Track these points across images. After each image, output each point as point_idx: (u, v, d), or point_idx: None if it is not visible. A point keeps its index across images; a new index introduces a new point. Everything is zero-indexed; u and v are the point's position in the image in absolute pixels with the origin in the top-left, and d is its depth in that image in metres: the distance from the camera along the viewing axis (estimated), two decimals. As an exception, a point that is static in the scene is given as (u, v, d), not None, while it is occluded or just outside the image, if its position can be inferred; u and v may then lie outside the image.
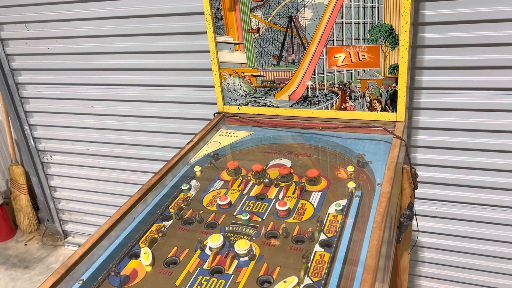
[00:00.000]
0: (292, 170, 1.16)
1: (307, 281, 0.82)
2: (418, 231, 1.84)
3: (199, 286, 0.84)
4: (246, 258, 0.90)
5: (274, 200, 1.07)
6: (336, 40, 1.21)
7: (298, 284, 0.81)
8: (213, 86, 1.51)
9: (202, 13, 1.36)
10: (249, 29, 1.29)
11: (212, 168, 1.23)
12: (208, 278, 0.86)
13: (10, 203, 2.92)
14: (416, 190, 1.67)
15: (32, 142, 2.53)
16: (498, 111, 1.57)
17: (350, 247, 0.88)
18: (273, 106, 1.38)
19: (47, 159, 2.56)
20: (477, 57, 1.50)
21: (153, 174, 1.16)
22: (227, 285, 0.84)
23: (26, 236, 2.87)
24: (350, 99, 1.27)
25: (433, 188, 1.78)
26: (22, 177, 2.80)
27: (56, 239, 2.81)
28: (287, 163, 1.20)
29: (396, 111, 1.23)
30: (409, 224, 1.26)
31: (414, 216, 1.28)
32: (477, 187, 1.72)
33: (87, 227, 2.68)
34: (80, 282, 0.87)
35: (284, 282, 0.81)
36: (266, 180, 1.11)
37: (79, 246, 0.95)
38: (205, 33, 1.38)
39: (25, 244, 2.79)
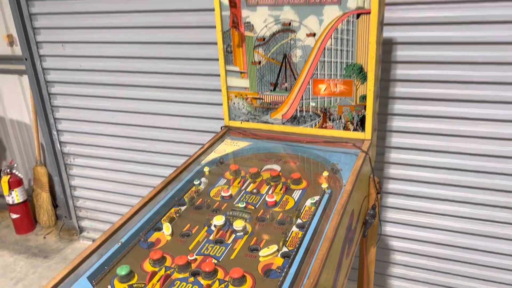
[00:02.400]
0: (280, 173, 1.48)
1: (284, 249, 1.13)
2: (380, 224, 2.14)
3: (206, 250, 1.15)
4: (241, 233, 1.21)
5: (265, 194, 1.39)
6: (320, 74, 1.55)
7: (278, 250, 1.12)
8: (221, 104, 1.83)
9: (215, 43, 1.69)
10: (253, 62, 1.64)
11: (218, 169, 1.55)
12: (213, 245, 1.17)
13: (31, 200, 3.24)
14: (389, 200, 2.00)
15: (58, 146, 2.86)
16: (459, 136, 1.88)
17: (318, 228, 1.20)
18: (269, 123, 1.71)
19: (70, 161, 2.89)
20: (442, 91, 1.84)
21: (164, 177, 1.45)
22: (226, 250, 1.15)
23: (45, 230, 3.17)
24: (329, 120, 1.60)
25: (402, 199, 2.09)
26: (45, 177, 3.13)
27: (72, 233, 3.11)
28: (277, 167, 1.53)
29: (364, 131, 1.56)
30: (373, 221, 1.57)
31: (377, 216, 1.59)
32: (440, 199, 2.03)
33: (101, 224, 2.98)
34: (119, 243, 1.18)
35: (268, 248, 1.13)
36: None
37: (93, 240, 1.16)
38: (217, 59, 1.72)
39: (44, 237, 3.09)
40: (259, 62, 1.63)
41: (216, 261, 1.10)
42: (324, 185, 1.38)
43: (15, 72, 2.99)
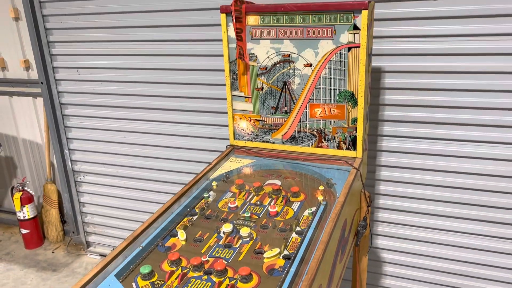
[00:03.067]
0: (281, 187, 1.65)
1: (285, 252, 1.30)
2: (371, 236, 2.30)
3: (216, 253, 1.32)
4: (247, 239, 1.38)
5: (268, 206, 1.56)
6: (315, 99, 1.75)
7: (279, 253, 1.29)
8: (226, 126, 2.01)
9: (222, 70, 1.89)
10: (256, 88, 1.83)
11: (224, 184, 1.73)
12: (222, 249, 1.33)
13: (40, 216, 3.37)
14: (380, 215, 2.17)
15: (70, 164, 3.02)
16: (445, 156, 2.06)
17: (314, 234, 1.37)
18: (270, 142, 1.89)
19: (80, 178, 3.05)
20: (427, 114, 2.04)
21: (172, 194, 1.62)
22: (234, 253, 1.31)
23: (53, 245, 3.31)
24: (325, 140, 1.79)
25: (392, 213, 2.27)
26: (54, 194, 3.28)
27: (79, 248, 3.24)
28: (278, 182, 1.70)
29: (356, 150, 1.74)
30: (364, 232, 1.74)
31: (368, 227, 1.76)
32: (429, 214, 2.19)
33: (108, 239, 3.12)
34: (141, 247, 1.35)
35: (271, 251, 1.29)
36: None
37: (100, 255, 1.28)
38: (224, 85, 1.91)
39: (52, 252, 3.22)
40: (262, 88, 1.82)
41: (226, 262, 1.26)
42: (320, 198, 1.55)
43: (30, 95, 3.18)
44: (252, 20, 1.73)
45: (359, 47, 1.61)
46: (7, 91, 3.25)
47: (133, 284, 1.20)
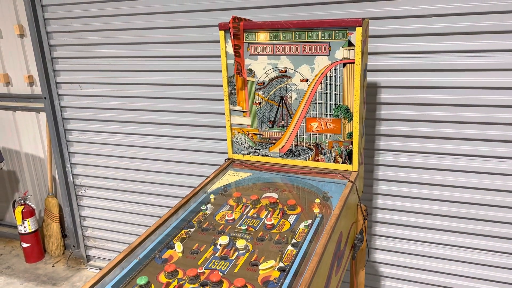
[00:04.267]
0: (278, 200, 1.67)
1: (281, 264, 1.31)
2: (369, 249, 2.30)
3: (213, 265, 1.33)
4: (243, 251, 1.39)
5: (264, 218, 1.58)
6: (312, 114, 1.78)
7: (274, 265, 1.30)
8: (224, 140, 2.04)
9: (221, 85, 1.93)
10: (254, 103, 1.87)
11: (222, 197, 1.75)
12: (219, 261, 1.35)
13: (41, 230, 3.39)
14: (377, 229, 2.18)
15: (71, 178, 3.05)
16: (441, 170, 2.09)
17: (310, 246, 1.38)
18: (268, 156, 1.92)
19: (81, 192, 3.07)
20: (423, 129, 2.06)
21: (171, 208, 1.63)
22: (230, 265, 1.33)
23: (54, 259, 3.31)
24: (321, 154, 1.81)
25: (390, 227, 2.27)
26: (56, 207, 3.30)
27: (80, 262, 3.25)
28: (275, 195, 1.72)
29: (352, 164, 1.77)
30: (361, 245, 1.75)
31: (365, 240, 1.77)
32: (426, 228, 2.20)
33: (108, 253, 3.13)
34: (138, 259, 1.36)
35: (266, 263, 1.31)
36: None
37: (100, 269, 1.27)
38: (222, 100, 1.94)
39: (53, 266, 3.23)
40: (259, 103, 1.86)
41: (222, 274, 1.28)
42: (316, 211, 1.57)
43: (33, 110, 3.23)
44: (249, 36, 1.77)
45: (353, 63, 1.64)
46: (11, 106, 3.30)
47: (130, 295, 1.22)
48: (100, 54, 2.66)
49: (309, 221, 1.51)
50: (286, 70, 1.76)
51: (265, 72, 1.80)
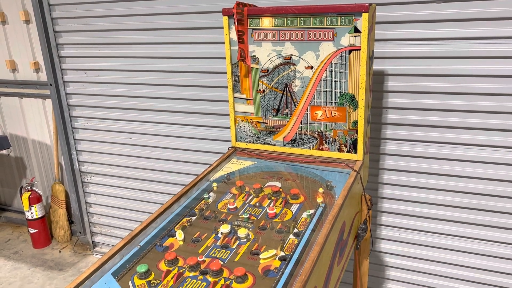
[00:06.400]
0: (281, 189, 1.66)
1: (282, 253, 1.30)
2: (372, 239, 2.29)
3: (213, 254, 1.32)
4: (245, 240, 1.38)
5: (267, 207, 1.56)
6: (316, 102, 1.75)
7: (275, 254, 1.29)
8: (228, 128, 2.02)
9: (224, 72, 1.90)
10: (257, 90, 1.84)
11: (225, 185, 1.74)
12: (219, 249, 1.34)
13: (48, 216, 3.42)
14: (382, 219, 2.16)
15: (77, 165, 3.07)
16: (448, 160, 2.05)
17: (312, 236, 1.37)
18: (271, 144, 1.90)
19: (87, 179, 3.09)
20: (430, 118, 2.02)
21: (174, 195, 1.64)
22: (231, 254, 1.32)
23: (60, 245, 3.35)
24: (325, 142, 1.79)
25: (395, 217, 2.25)
26: (62, 194, 3.32)
27: (86, 248, 3.28)
28: (278, 184, 1.71)
29: (356, 153, 1.74)
30: (364, 235, 1.73)
31: (369, 230, 1.75)
32: (432, 218, 2.18)
33: (113, 239, 3.15)
34: (138, 246, 1.36)
35: (267, 252, 1.30)
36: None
37: None
38: (226, 87, 1.92)
39: (60, 251, 3.26)
40: (263, 91, 1.83)
41: (222, 263, 1.27)
42: (319, 200, 1.55)
43: (39, 96, 3.24)
44: (253, 22, 1.74)
45: (359, 49, 1.61)
46: (17, 93, 3.31)
47: (130, 283, 1.21)
48: (104, 40, 2.64)
49: (312, 211, 1.49)
50: (290, 57, 1.73)
51: (269, 59, 1.77)
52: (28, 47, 3.15)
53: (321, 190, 1.62)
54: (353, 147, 1.74)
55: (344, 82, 1.68)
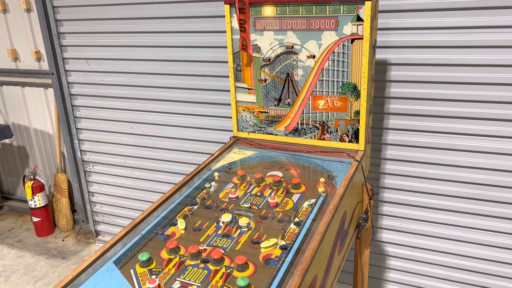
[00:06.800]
0: (282, 179, 1.66)
1: (282, 242, 1.31)
2: (373, 229, 2.29)
3: (215, 242, 1.33)
4: (246, 229, 1.39)
5: (268, 197, 1.56)
6: (318, 91, 1.74)
7: (276, 243, 1.30)
8: (229, 118, 2.02)
9: (226, 62, 1.89)
10: (259, 80, 1.83)
11: (226, 175, 1.74)
12: (221, 238, 1.35)
13: (51, 205, 3.44)
14: (384, 209, 2.16)
15: (79, 154, 3.07)
16: (450, 150, 2.05)
17: (313, 225, 1.37)
18: (273, 134, 1.90)
19: (90, 168, 3.10)
20: (433, 108, 2.02)
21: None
22: (232, 243, 1.32)
23: (63, 233, 3.37)
24: (327, 132, 1.78)
25: (396, 207, 2.25)
26: (65, 183, 3.34)
27: (89, 237, 3.30)
28: (279, 174, 1.71)
29: (358, 143, 1.74)
30: (365, 225, 1.74)
31: (370, 219, 1.76)
32: (433, 208, 2.18)
33: (116, 228, 3.17)
34: (140, 235, 1.37)
35: (268, 241, 1.30)
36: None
37: None
38: (227, 77, 1.91)
39: (63, 240, 3.29)
40: (265, 80, 1.82)
41: (223, 251, 1.28)
42: (321, 189, 1.55)
43: (41, 86, 3.23)
44: (255, 11, 1.73)
45: (362, 38, 1.59)
46: (19, 82, 3.31)
47: (131, 270, 1.22)
48: (106, 29, 2.62)
49: (313, 200, 1.50)
50: (292, 46, 1.72)
51: (271, 48, 1.76)
52: (30, 36, 3.14)
53: (322, 179, 1.62)
54: (355, 137, 1.73)
55: (346, 71, 1.67)
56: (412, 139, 2.09)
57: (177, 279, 1.17)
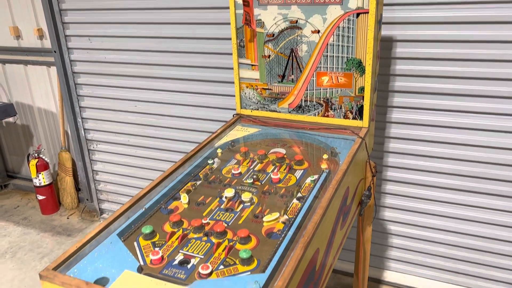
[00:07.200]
0: (285, 156, 1.65)
1: (285, 216, 1.31)
2: (376, 206, 2.30)
3: (217, 216, 1.34)
4: (248, 204, 1.39)
5: (271, 173, 1.56)
6: (323, 67, 1.72)
7: (278, 217, 1.30)
8: (232, 96, 2.01)
9: (229, 38, 1.87)
10: (263, 55, 1.81)
11: (229, 151, 1.74)
12: (223, 212, 1.35)
13: (56, 184, 3.47)
14: (387, 187, 2.16)
15: (83, 132, 3.08)
16: (455, 128, 2.03)
17: (315, 200, 1.37)
18: (276, 111, 1.88)
19: (93, 147, 3.11)
20: (438, 85, 1.99)
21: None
22: (235, 217, 1.33)
23: (68, 211, 3.41)
24: (331, 109, 1.77)
25: (399, 186, 2.25)
26: (69, 161, 3.35)
27: (93, 215, 3.34)
28: (282, 151, 1.70)
29: (362, 120, 1.72)
30: (368, 201, 1.74)
31: (373, 196, 1.76)
32: (436, 186, 2.17)
33: (120, 206, 3.19)
34: (143, 209, 1.37)
35: (270, 215, 1.31)
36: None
37: None
38: (230, 54, 1.89)
39: (68, 218, 3.32)
40: (269, 56, 1.80)
41: (226, 225, 1.28)
42: (324, 166, 1.55)
43: (44, 64, 3.22)
44: (259, -15, 1.70)
45: (367, 13, 1.56)
46: (22, 60, 3.29)
47: (135, 243, 1.23)
48: (108, 5, 2.59)
49: (316, 176, 1.50)
50: (297, 21, 1.69)
51: (275, 23, 1.73)
52: (32, 13, 3.11)
53: (325, 156, 1.62)
54: (359, 114, 1.72)
55: (351, 46, 1.64)
56: (416, 117, 2.08)
57: (180, 251, 1.18)
